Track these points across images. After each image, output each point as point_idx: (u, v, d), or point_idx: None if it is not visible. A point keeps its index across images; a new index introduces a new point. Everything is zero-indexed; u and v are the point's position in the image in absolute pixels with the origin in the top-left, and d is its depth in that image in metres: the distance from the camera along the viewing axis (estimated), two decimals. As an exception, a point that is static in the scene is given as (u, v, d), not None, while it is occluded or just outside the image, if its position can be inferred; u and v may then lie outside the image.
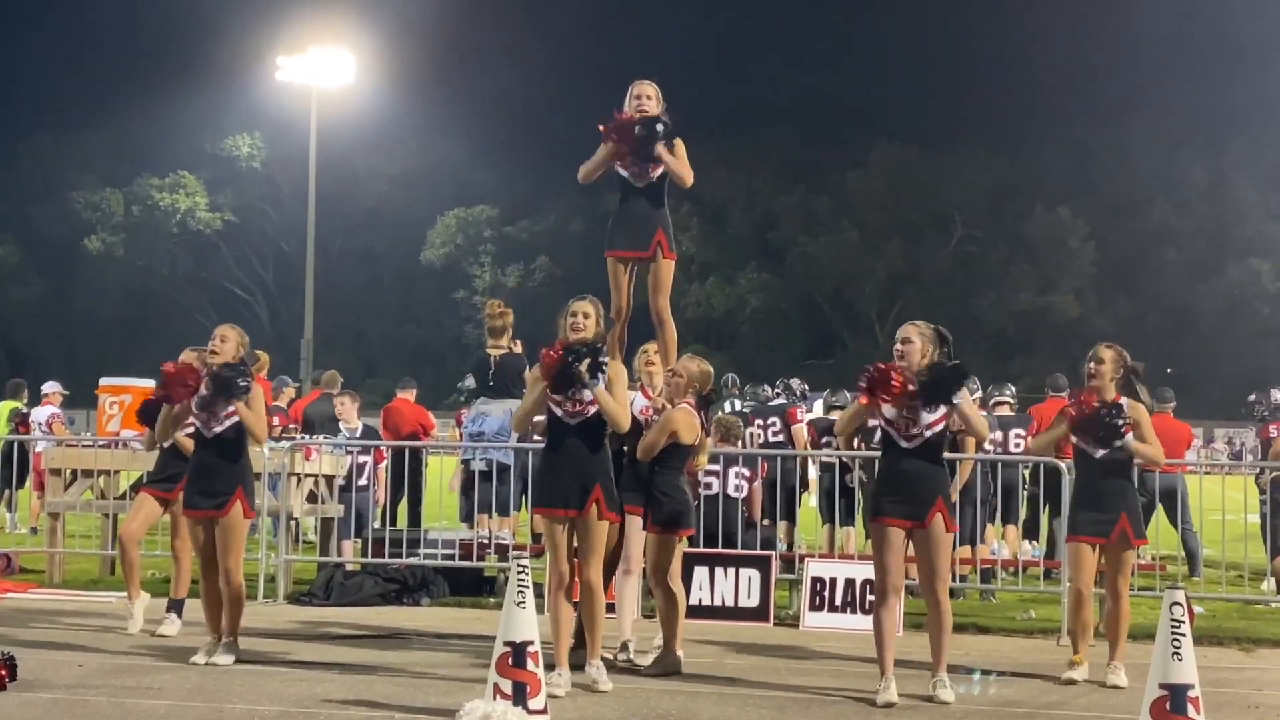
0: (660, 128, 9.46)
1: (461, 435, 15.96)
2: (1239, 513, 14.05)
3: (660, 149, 9.47)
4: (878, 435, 9.51)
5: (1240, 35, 75.80)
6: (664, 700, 8.28)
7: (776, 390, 16.62)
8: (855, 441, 13.28)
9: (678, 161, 9.53)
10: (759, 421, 15.42)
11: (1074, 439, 9.47)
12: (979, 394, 14.85)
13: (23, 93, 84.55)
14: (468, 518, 15.21)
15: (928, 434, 8.67)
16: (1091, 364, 9.45)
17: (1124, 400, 9.37)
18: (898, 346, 8.84)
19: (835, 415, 14.97)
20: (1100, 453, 9.35)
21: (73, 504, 13.84)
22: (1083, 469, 9.56)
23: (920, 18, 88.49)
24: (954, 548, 10.11)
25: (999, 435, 14.52)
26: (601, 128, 9.58)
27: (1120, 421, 9.19)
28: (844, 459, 13.92)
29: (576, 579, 8.72)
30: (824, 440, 14.65)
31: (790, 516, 14.13)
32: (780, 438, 15.01)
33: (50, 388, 19.85)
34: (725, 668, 9.58)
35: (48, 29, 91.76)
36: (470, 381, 15.10)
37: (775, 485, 12.82)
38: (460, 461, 15.31)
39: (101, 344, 78.97)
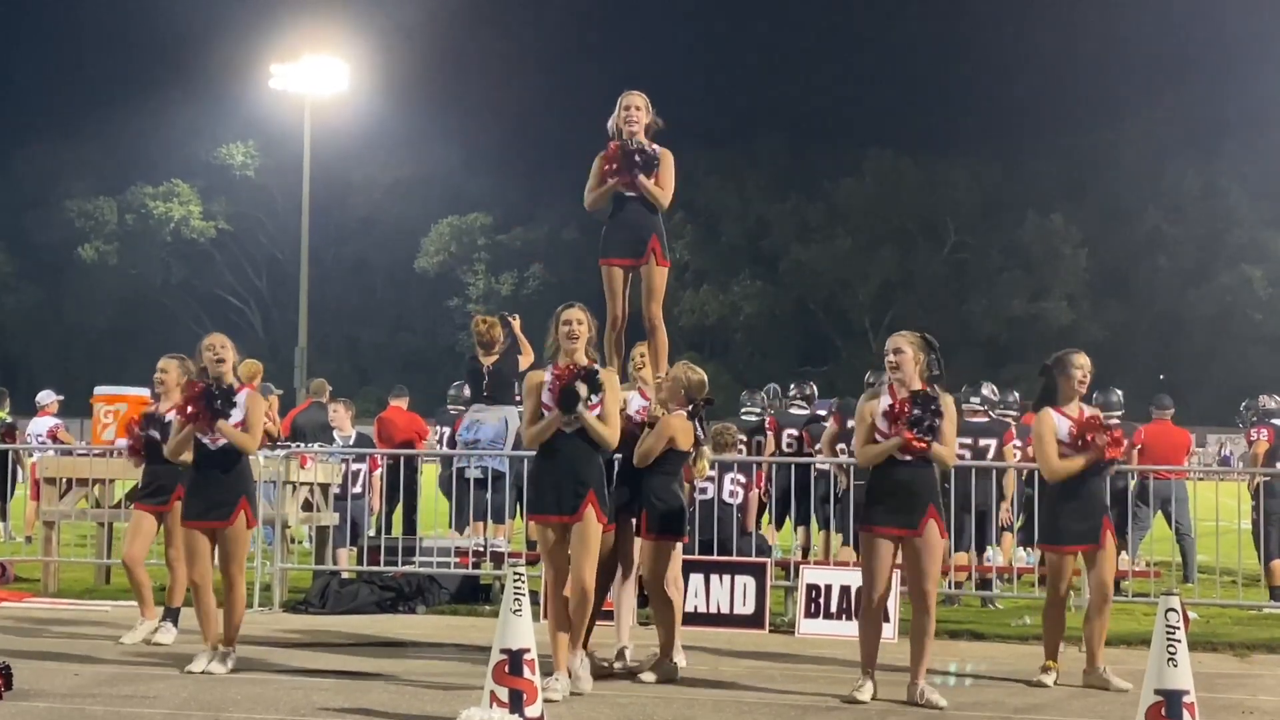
0: (639, 159, 9.64)
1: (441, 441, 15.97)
2: (1233, 519, 14.06)
3: (641, 179, 9.66)
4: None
5: (1232, 42, 76.07)
6: (660, 707, 8.29)
7: (793, 396, 16.00)
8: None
9: (659, 189, 9.70)
10: (790, 431, 15.08)
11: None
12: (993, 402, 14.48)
13: (16, 101, 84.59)
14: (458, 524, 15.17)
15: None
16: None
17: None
18: (890, 357, 8.82)
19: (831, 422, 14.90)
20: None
21: (68, 513, 13.84)
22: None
23: (912, 25, 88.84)
24: (948, 555, 10.07)
25: (994, 443, 14.45)
26: (606, 167, 9.71)
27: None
28: (841, 466, 13.90)
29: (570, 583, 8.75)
30: (817, 447, 14.61)
31: (805, 522, 14.28)
32: (793, 449, 14.93)
33: (46, 398, 19.73)
34: (721, 674, 9.58)
35: (42, 37, 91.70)
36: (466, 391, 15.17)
37: (788, 492, 12.78)
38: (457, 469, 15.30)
39: (95, 353, 78.81)
